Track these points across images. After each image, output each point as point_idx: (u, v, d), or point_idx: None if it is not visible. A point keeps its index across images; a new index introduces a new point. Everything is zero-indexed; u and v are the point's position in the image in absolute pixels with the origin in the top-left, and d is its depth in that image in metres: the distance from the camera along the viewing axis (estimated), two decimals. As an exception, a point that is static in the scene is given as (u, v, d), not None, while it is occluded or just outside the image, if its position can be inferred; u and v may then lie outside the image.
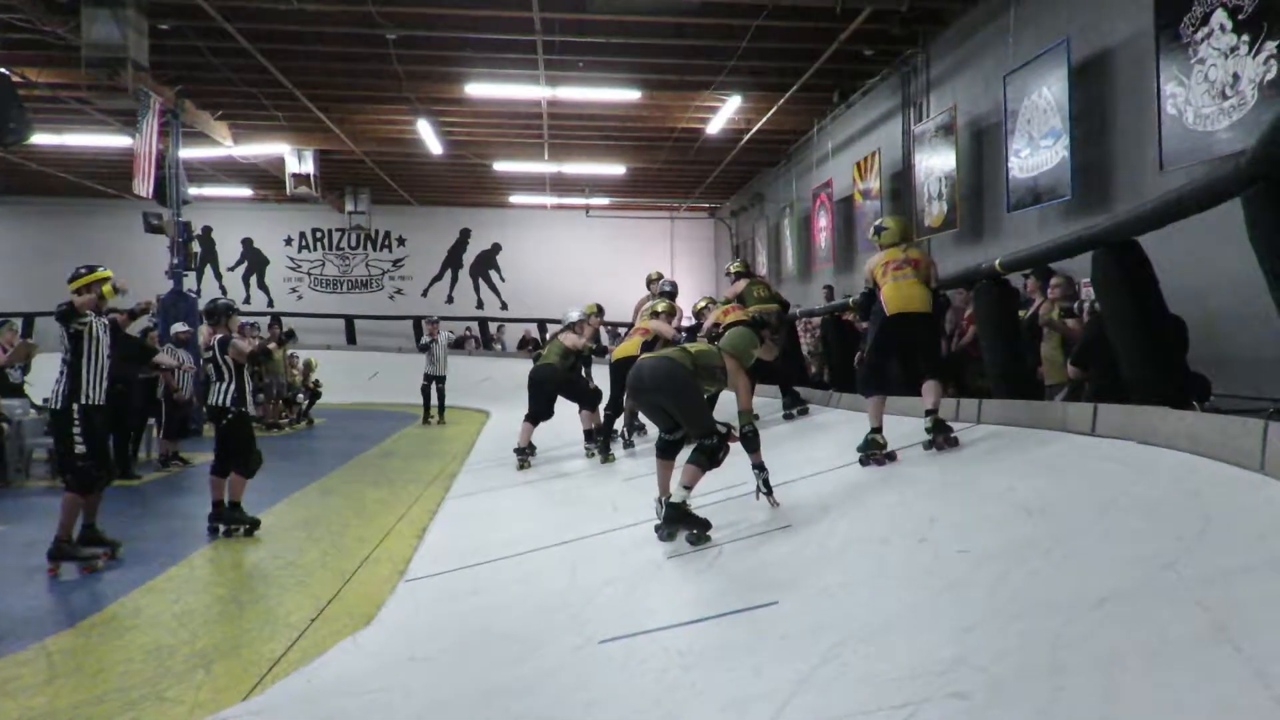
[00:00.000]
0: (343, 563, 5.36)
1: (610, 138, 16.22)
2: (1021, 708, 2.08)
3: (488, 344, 22.70)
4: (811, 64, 11.53)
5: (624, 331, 9.18)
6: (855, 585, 3.35)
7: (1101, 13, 7.73)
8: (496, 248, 24.15)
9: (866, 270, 5.65)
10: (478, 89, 12.76)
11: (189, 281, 13.28)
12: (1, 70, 10.26)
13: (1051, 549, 2.98)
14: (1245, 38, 5.87)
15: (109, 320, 5.57)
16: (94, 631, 4.15)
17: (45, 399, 5.64)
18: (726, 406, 7.53)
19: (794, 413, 8.12)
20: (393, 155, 17.37)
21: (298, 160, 16.77)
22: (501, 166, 17.97)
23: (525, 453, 8.54)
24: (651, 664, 3.04)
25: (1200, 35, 6.22)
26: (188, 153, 14.04)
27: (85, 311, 5.31)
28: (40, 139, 13.63)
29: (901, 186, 11.87)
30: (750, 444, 4.88)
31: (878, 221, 5.95)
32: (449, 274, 24.20)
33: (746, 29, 10.33)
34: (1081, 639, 2.30)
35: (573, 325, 8.80)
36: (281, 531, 6.41)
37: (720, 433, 4.68)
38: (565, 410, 8.78)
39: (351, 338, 22.51)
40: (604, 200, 22.02)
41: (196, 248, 13.87)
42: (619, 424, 8.63)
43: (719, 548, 4.33)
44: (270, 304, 22.85)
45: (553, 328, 9.87)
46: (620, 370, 8.14)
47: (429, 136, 14.82)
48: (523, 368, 9.10)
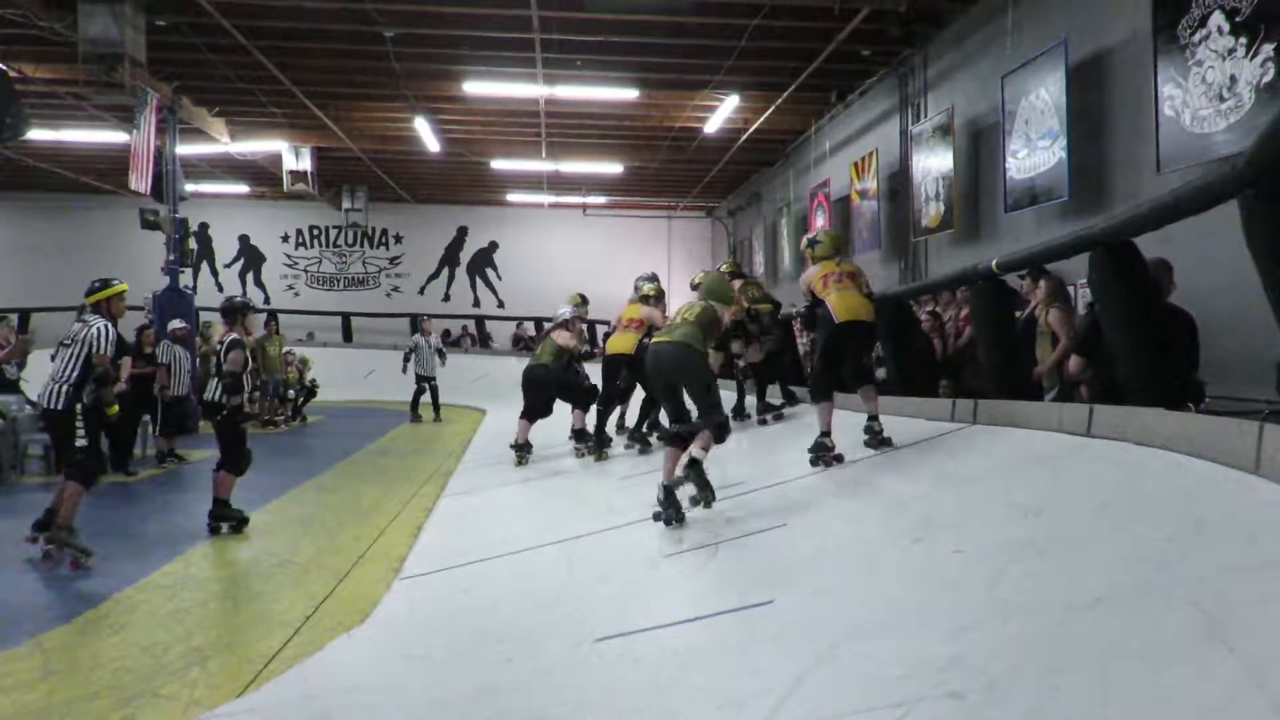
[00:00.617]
0: (338, 560, 5.36)
1: (608, 136, 16.21)
2: (1016, 707, 2.09)
3: (484, 342, 22.68)
4: (809, 64, 11.52)
5: (605, 329, 9.11)
6: (851, 585, 3.35)
7: (1099, 14, 7.73)
8: (493, 246, 24.13)
9: (804, 283, 5.85)
10: (475, 87, 12.75)
11: (185, 278, 13.25)
12: (-2, 66, 10.25)
13: (1047, 549, 2.99)
14: (1243, 40, 5.88)
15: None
16: (89, 628, 4.14)
17: (39, 395, 5.74)
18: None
19: (768, 418, 8.01)
20: (390, 153, 17.35)
21: (295, 157, 16.75)
22: (499, 165, 17.96)
23: (522, 449, 8.56)
24: (647, 662, 3.04)
25: (1198, 37, 6.23)
26: (185, 149, 14.01)
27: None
28: (37, 135, 13.58)
29: (899, 187, 11.87)
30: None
31: (811, 235, 6.18)
32: (446, 272, 24.18)
33: (744, 28, 10.33)
34: (1076, 639, 2.30)
35: (565, 323, 8.75)
36: (277, 529, 6.40)
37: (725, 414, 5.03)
38: (564, 409, 8.79)
39: (348, 335, 22.49)
40: (601, 199, 22.01)
41: (193, 244, 13.82)
42: (610, 421, 8.63)
43: (714, 547, 4.33)
44: (267, 301, 22.79)
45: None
46: (612, 366, 8.14)
47: (426, 134, 14.80)
48: (518, 366, 9.09)
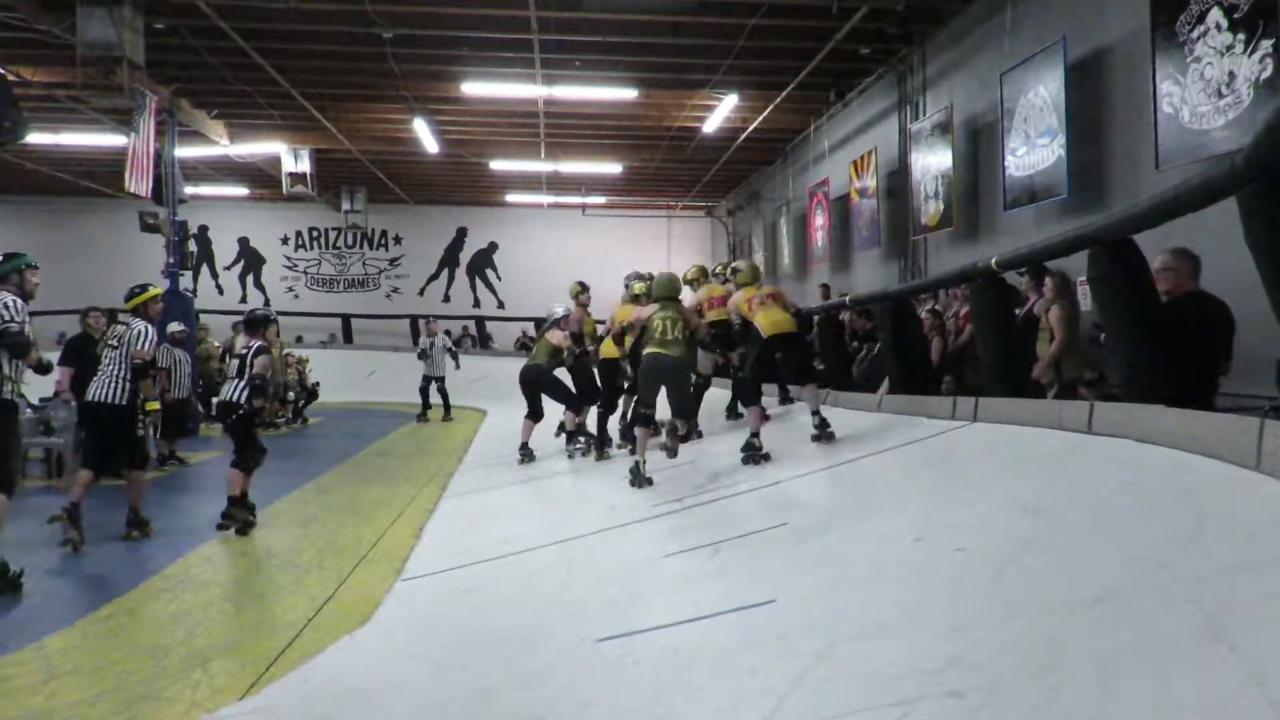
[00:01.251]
0: (340, 562, 5.36)
1: (607, 136, 16.21)
2: (1017, 706, 2.09)
3: (484, 343, 22.69)
4: (808, 63, 11.53)
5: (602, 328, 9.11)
6: (851, 584, 3.35)
7: (1097, 11, 7.73)
8: (493, 246, 24.13)
9: (732, 306, 7.07)
10: (474, 88, 12.75)
11: (185, 281, 13.26)
12: (-3, 69, 10.25)
13: (1048, 548, 2.99)
14: (1241, 36, 5.88)
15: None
16: (91, 630, 4.15)
17: (91, 395, 6.20)
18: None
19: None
20: (389, 154, 17.36)
21: (294, 159, 16.74)
22: (498, 165, 17.96)
23: (527, 449, 8.61)
24: (648, 663, 3.04)
25: (1196, 34, 6.23)
26: (184, 152, 14.03)
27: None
28: (36, 138, 13.58)
29: (898, 185, 11.87)
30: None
31: (733, 264, 7.59)
32: (445, 273, 24.19)
33: (743, 28, 10.33)
34: (1077, 638, 2.30)
35: (558, 321, 8.75)
36: (278, 531, 6.41)
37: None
38: (554, 408, 8.84)
39: (348, 336, 22.50)
40: (600, 199, 22.02)
41: (193, 247, 13.83)
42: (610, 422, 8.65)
43: (715, 547, 4.33)
44: (267, 303, 22.78)
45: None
46: (610, 369, 8.16)
47: (425, 135, 14.81)
48: (519, 367, 9.12)
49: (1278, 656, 1.84)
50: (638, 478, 6.34)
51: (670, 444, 6.44)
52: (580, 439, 8.63)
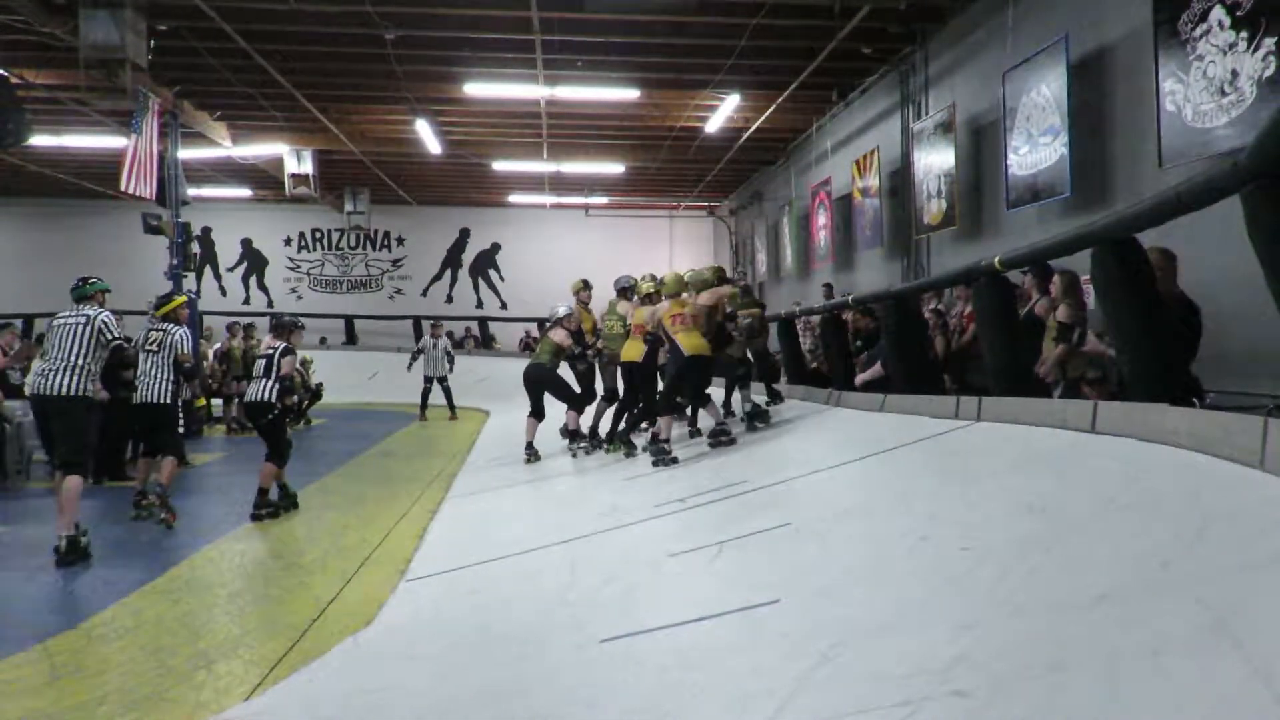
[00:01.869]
0: (343, 563, 5.37)
1: (609, 137, 16.22)
2: (1022, 705, 2.09)
3: (487, 344, 22.71)
4: (810, 62, 11.53)
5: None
6: (856, 583, 3.35)
7: (1100, 9, 7.72)
8: (496, 247, 24.15)
9: (655, 318, 7.53)
10: (476, 88, 12.76)
11: (189, 282, 13.28)
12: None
13: (1052, 546, 2.98)
14: (1244, 34, 5.87)
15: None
16: (95, 632, 4.15)
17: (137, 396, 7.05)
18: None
19: (757, 424, 7.92)
20: (392, 155, 17.38)
21: (296, 160, 16.76)
22: (500, 166, 17.98)
23: (533, 449, 8.65)
24: (652, 663, 3.04)
25: (1199, 32, 6.22)
26: (187, 153, 14.04)
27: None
28: (39, 140, 13.62)
29: (900, 184, 11.87)
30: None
31: (660, 276, 7.94)
32: (448, 274, 24.21)
33: (745, 27, 10.33)
34: (1082, 636, 2.30)
35: (561, 320, 8.77)
36: (281, 532, 6.42)
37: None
38: (556, 408, 8.85)
39: (351, 337, 22.51)
40: (603, 199, 22.03)
41: (196, 248, 13.83)
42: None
43: (718, 546, 4.33)
44: (270, 304, 22.85)
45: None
46: (630, 370, 8.07)
47: (428, 136, 14.82)
48: (521, 368, 9.16)
49: (1283, 655, 1.84)
50: (662, 457, 6.93)
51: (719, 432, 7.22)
52: (582, 440, 8.65)
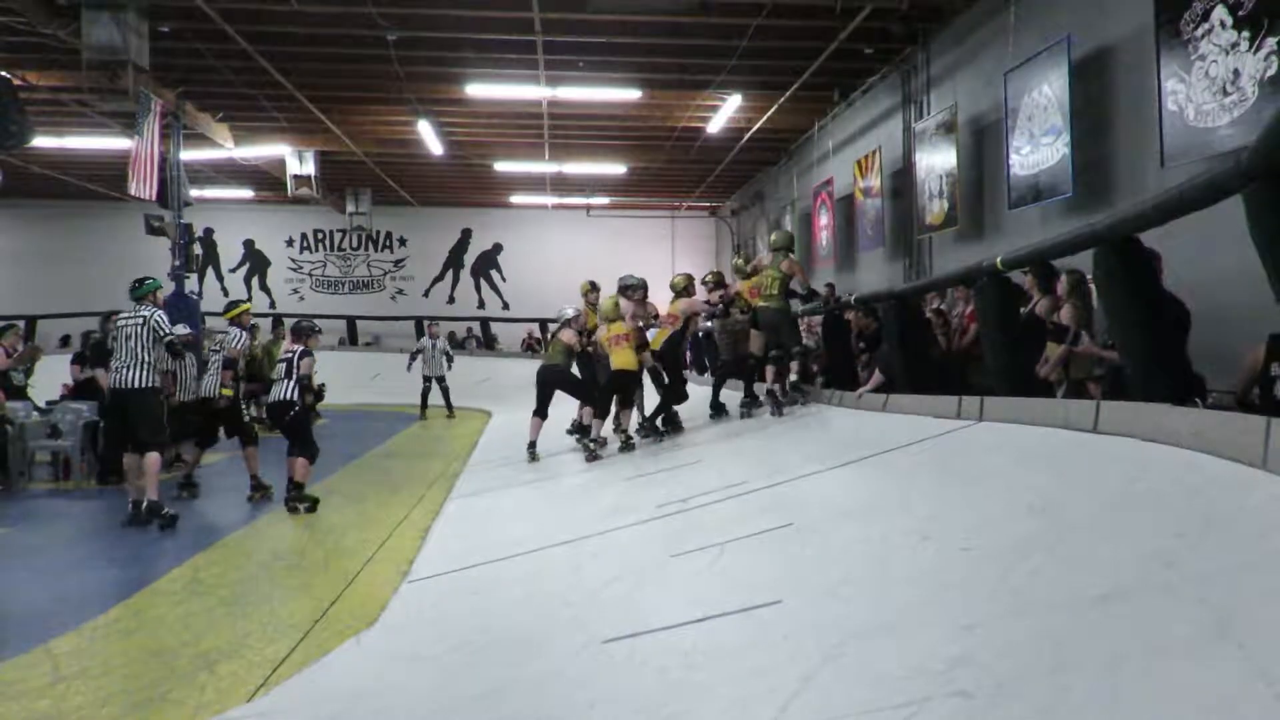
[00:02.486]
0: (346, 564, 5.37)
1: (611, 137, 16.22)
2: (1024, 706, 2.09)
3: (489, 344, 22.72)
4: (811, 62, 11.53)
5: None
6: (858, 583, 3.35)
7: (1102, 9, 7.72)
8: (498, 248, 24.16)
9: (599, 338, 8.64)
10: (478, 89, 12.77)
11: (191, 284, 13.29)
12: (2, 73, 10.28)
13: (1054, 546, 2.98)
14: (1245, 34, 5.87)
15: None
16: (98, 634, 4.16)
17: (206, 390, 8.00)
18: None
19: (750, 412, 8.43)
20: (393, 156, 17.38)
21: (298, 161, 16.78)
22: (502, 166, 17.98)
23: (535, 448, 8.71)
24: (655, 664, 3.04)
25: (1200, 31, 6.21)
26: (189, 155, 14.05)
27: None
28: (41, 142, 13.63)
29: (902, 184, 11.86)
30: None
31: (604, 301, 8.79)
32: (450, 274, 24.22)
33: (746, 28, 10.34)
34: (1084, 637, 2.30)
35: (569, 321, 8.84)
36: (284, 532, 6.42)
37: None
38: (558, 410, 8.86)
39: (353, 338, 22.53)
40: (605, 200, 22.03)
41: (198, 250, 13.86)
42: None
43: (720, 547, 4.33)
44: (272, 305, 22.85)
45: (553, 327, 10.58)
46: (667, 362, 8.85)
47: (429, 137, 14.83)
48: (523, 368, 9.22)
49: (1286, 655, 1.84)
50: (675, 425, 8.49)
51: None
52: (594, 438, 8.69)
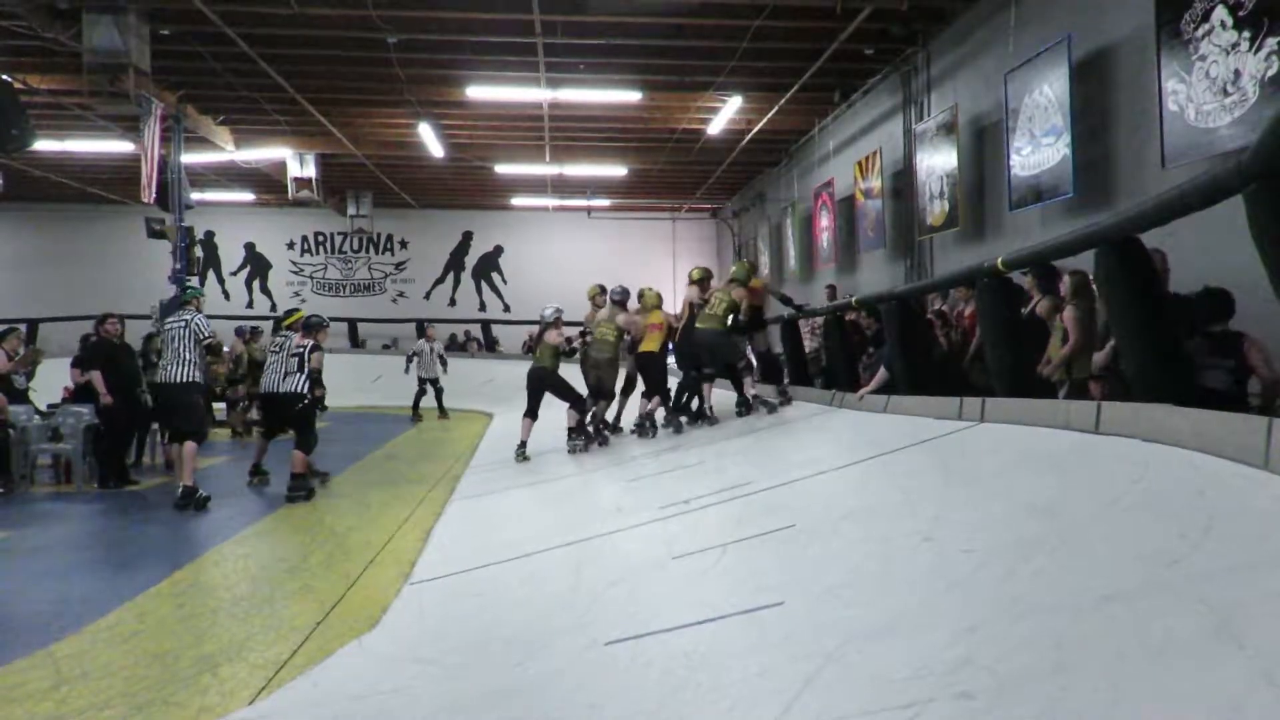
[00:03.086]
0: (347, 566, 5.37)
1: (611, 139, 16.23)
2: (1027, 707, 2.08)
3: (490, 346, 22.73)
4: (812, 64, 11.53)
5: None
6: (860, 585, 3.35)
7: (1102, 10, 7.72)
8: (499, 250, 24.18)
9: (637, 321, 9.11)
10: (478, 91, 12.78)
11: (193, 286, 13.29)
12: (3, 77, 10.30)
13: (1056, 547, 2.98)
14: (1246, 34, 5.87)
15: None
16: (100, 636, 4.16)
17: (268, 387, 8.27)
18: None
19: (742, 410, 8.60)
20: (394, 158, 17.41)
21: (299, 164, 16.81)
22: (503, 169, 17.99)
23: (524, 447, 8.86)
24: (657, 665, 3.04)
25: (1201, 32, 6.21)
26: (190, 158, 14.07)
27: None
28: (42, 145, 13.67)
29: (903, 185, 11.87)
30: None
31: (647, 294, 9.28)
32: (451, 276, 24.24)
33: (747, 29, 10.34)
34: (1086, 638, 2.29)
35: (551, 323, 9.05)
36: (286, 535, 6.42)
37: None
38: (549, 412, 8.90)
39: (355, 340, 22.55)
40: (606, 202, 22.04)
41: (199, 252, 13.88)
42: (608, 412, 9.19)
43: (722, 548, 4.33)
44: (273, 308, 22.84)
45: (535, 330, 11.19)
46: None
47: (430, 139, 14.84)
48: (524, 370, 9.33)
49: (1289, 655, 1.83)
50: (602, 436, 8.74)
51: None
52: (579, 436, 8.85)
